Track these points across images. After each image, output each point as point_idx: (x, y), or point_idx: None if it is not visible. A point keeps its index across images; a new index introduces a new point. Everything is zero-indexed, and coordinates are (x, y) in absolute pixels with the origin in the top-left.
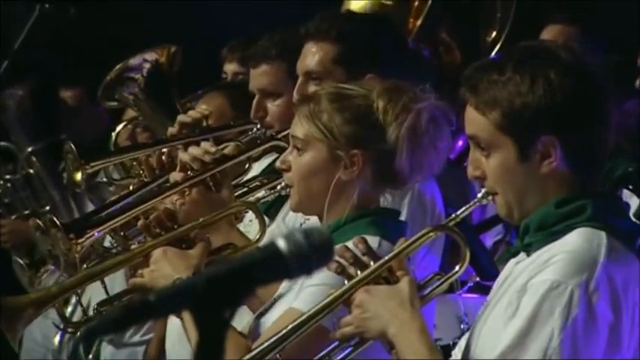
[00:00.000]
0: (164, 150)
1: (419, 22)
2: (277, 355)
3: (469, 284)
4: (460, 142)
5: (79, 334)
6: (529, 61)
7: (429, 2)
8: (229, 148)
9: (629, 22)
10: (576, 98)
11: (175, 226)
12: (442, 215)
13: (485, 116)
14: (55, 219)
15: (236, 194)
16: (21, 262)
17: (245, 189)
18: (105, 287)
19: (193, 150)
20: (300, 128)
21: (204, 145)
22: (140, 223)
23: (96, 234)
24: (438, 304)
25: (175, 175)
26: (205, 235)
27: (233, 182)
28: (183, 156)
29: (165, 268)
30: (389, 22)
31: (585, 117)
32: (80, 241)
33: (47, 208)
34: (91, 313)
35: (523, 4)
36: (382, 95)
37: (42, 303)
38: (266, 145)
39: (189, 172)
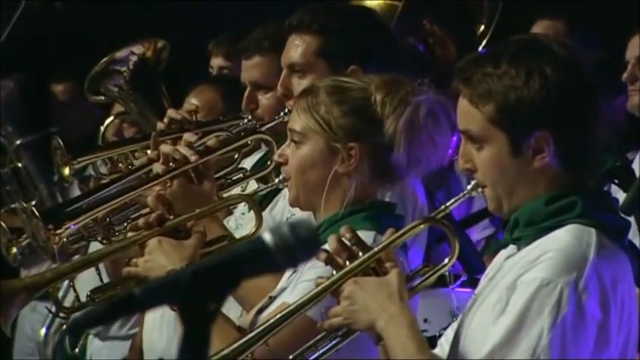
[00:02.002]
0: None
1: (397, 12)
2: (265, 345)
3: (462, 278)
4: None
5: (64, 326)
6: (524, 55)
7: None
8: (212, 140)
9: (617, 16)
10: (571, 94)
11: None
12: (425, 209)
13: (478, 109)
14: (34, 209)
15: (219, 186)
16: (4, 225)
17: (228, 181)
18: (99, 274)
19: (181, 149)
20: (297, 121)
21: (187, 136)
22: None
23: (72, 227)
24: (430, 298)
25: (157, 167)
26: (201, 226)
27: (216, 175)
28: (164, 148)
29: (160, 258)
30: (373, 14)
31: (579, 113)
32: (59, 232)
33: (34, 202)
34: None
35: None
36: (380, 88)
37: (35, 288)
38: (250, 138)
39: (171, 164)
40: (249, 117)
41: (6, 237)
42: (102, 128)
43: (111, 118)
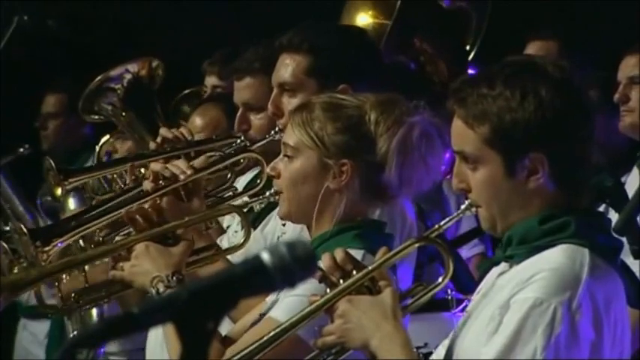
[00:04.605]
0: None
1: (387, 29)
2: None
3: (465, 303)
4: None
5: (62, 346)
6: (519, 76)
7: (397, 7)
8: (201, 159)
9: (610, 36)
10: (566, 116)
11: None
12: (414, 226)
13: (473, 130)
14: (22, 226)
15: (209, 204)
16: (5, 246)
17: (218, 198)
18: (85, 276)
19: (174, 169)
20: (291, 135)
21: (178, 163)
22: (125, 215)
23: (59, 244)
24: (432, 322)
25: (146, 185)
26: (189, 234)
27: (207, 193)
28: (154, 166)
29: (146, 264)
30: (363, 34)
31: (574, 135)
32: (46, 249)
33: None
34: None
35: (497, 15)
36: (375, 107)
37: (20, 286)
38: (239, 156)
39: (160, 182)
40: (242, 138)
41: (8, 258)
42: (97, 148)
43: (106, 137)
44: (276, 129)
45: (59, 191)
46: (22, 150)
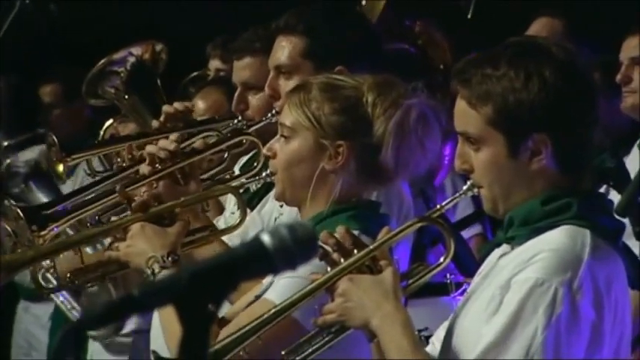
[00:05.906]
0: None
1: (380, 10)
2: (258, 340)
3: (464, 287)
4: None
5: (63, 329)
6: (523, 57)
7: None
8: (198, 142)
9: (614, 17)
10: (569, 97)
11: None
12: (411, 206)
13: (476, 110)
14: (19, 211)
15: (206, 186)
16: (8, 228)
17: (214, 182)
18: (81, 257)
19: (162, 143)
20: (288, 116)
21: (172, 137)
22: (121, 194)
23: (55, 229)
24: (431, 307)
25: (143, 168)
26: (185, 215)
27: (203, 175)
28: (150, 148)
29: (142, 244)
30: (360, 16)
31: (577, 116)
32: (42, 233)
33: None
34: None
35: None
36: (373, 88)
37: (17, 266)
38: (235, 139)
39: (157, 165)
40: (240, 118)
41: (12, 240)
42: (101, 131)
43: (110, 121)
44: (273, 111)
45: (61, 168)
46: (38, 130)
